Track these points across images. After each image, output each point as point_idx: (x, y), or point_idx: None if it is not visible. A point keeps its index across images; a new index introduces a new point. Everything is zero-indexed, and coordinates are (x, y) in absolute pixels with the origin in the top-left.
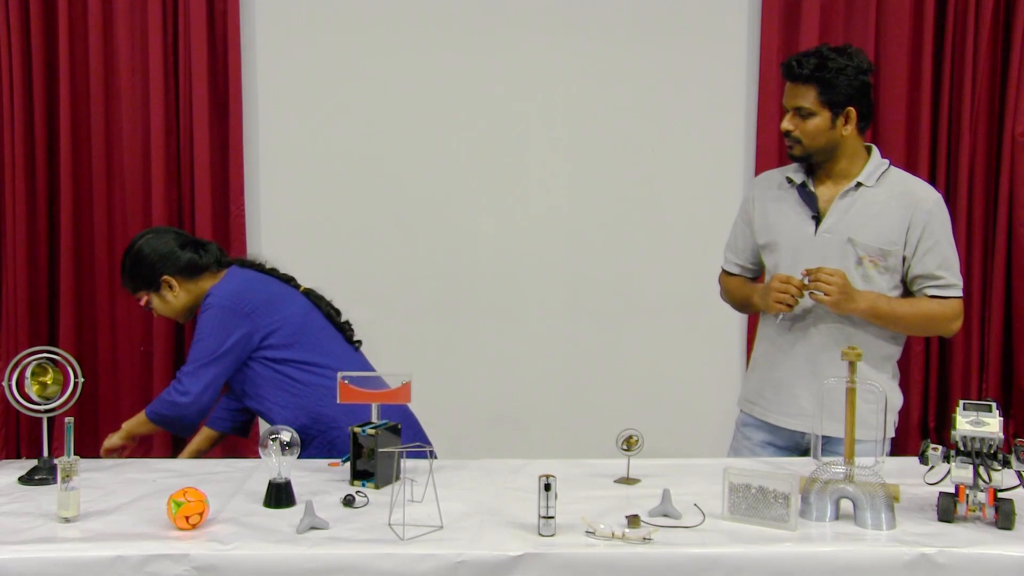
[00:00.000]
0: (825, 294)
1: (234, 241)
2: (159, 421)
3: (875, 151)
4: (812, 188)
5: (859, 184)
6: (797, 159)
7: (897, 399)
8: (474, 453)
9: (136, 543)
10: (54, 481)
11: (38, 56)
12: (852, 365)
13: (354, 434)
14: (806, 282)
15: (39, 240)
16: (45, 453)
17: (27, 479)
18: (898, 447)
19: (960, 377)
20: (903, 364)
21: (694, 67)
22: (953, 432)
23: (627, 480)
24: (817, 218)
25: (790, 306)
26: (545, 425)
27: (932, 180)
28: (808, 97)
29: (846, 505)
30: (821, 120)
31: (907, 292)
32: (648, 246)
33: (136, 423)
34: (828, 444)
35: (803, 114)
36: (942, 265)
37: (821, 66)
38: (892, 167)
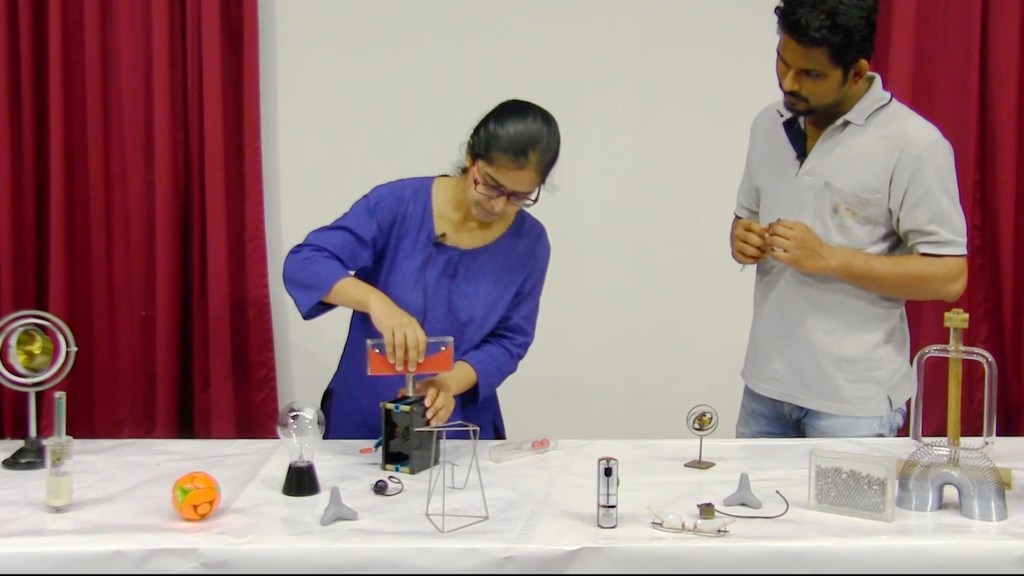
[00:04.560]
0: (783, 250)
1: (249, 188)
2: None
3: (876, 83)
4: (803, 125)
5: (847, 122)
6: (800, 113)
7: (892, 371)
8: (524, 433)
9: (137, 536)
10: (43, 465)
11: None
12: (956, 332)
13: (387, 411)
14: (766, 236)
15: (25, 189)
16: (32, 433)
17: (12, 462)
18: (998, 427)
19: None
20: (994, 334)
21: None
22: None
23: (699, 464)
24: (803, 159)
25: (755, 257)
26: (605, 401)
27: None
28: (817, 60)
29: (950, 492)
30: (832, 80)
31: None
32: (725, 197)
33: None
34: (811, 418)
35: (812, 75)
36: (935, 219)
37: (834, 27)
38: (894, 103)
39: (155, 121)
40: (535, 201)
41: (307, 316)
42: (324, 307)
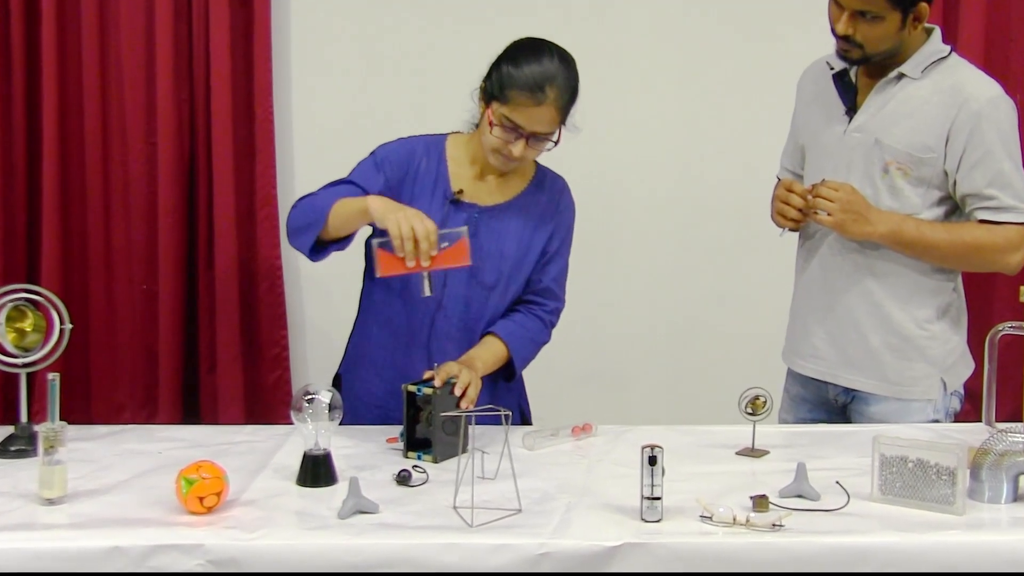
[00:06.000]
0: (827, 213)
1: (260, 151)
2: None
3: (935, 35)
4: (853, 77)
5: (901, 75)
6: (853, 62)
7: (946, 351)
8: (559, 419)
9: (137, 531)
10: (35, 453)
11: None
12: None
13: (409, 394)
14: (808, 198)
15: (15, 152)
16: (23, 418)
17: (1, 450)
18: None
19: None
20: None
21: None
22: None
23: (752, 452)
24: (852, 114)
25: (796, 220)
26: (649, 383)
27: None
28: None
29: None
30: (890, 23)
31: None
32: (779, 156)
33: (494, 361)
34: (858, 403)
35: (868, 18)
36: (994, 182)
37: None
38: (954, 56)
39: (157, 77)
40: (556, 143)
41: (314, 256)
42: (332, 245)
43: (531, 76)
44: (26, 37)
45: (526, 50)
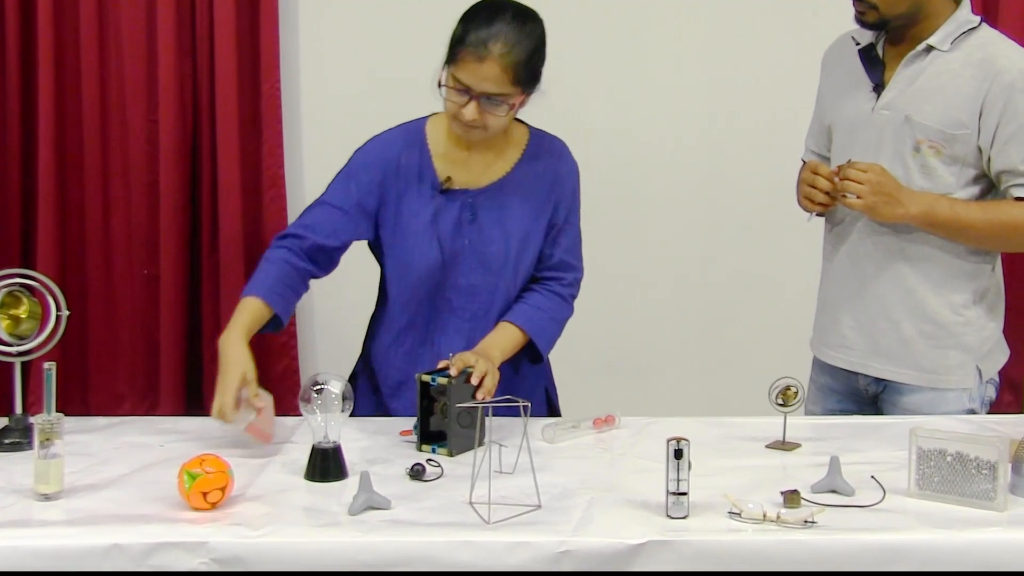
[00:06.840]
0: (856, 196)
1: (266, 129)
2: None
3: (964, 5)
4: (880, 52)
5: (930, 47)
6: (870, 26)
7: (982, 338)
8: (580, 410)
9: (138, 528)
10: (30, 446)
11: None
12: None
13: (423, 384)
14: (836, 181)
15: (9, 130)
16: (18, 409)
17: None
18: None
19: None
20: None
21: None
22: None
23: (783, 445)
24: (880, 90)
25: (824, 204)
26: (675, 372)
27: None
28: None
29: None
30: None
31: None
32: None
33: (512, 347)
34: (889, 393)
35: None
36: None
37: None
38: (984, 27)
39: (159, 51)
40: (513, 107)
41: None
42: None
43: (477, 36)
44: (21, 8)
45: (480, 11)
